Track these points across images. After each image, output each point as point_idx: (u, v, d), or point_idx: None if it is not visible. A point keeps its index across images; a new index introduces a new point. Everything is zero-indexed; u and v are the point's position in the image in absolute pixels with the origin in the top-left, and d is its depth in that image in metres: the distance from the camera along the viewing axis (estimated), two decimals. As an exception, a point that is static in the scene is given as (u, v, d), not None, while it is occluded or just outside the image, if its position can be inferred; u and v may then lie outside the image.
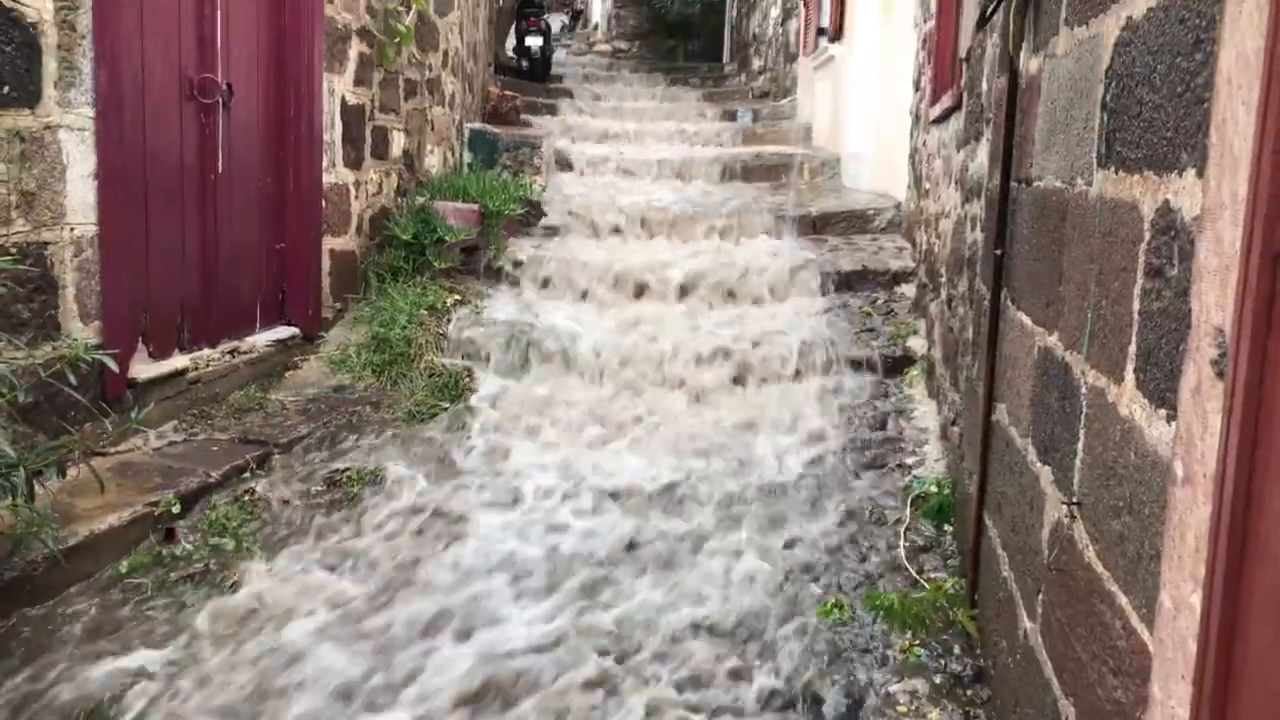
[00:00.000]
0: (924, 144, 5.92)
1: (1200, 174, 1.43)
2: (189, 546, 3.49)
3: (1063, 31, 2.38)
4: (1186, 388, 1.37)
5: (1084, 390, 1.99)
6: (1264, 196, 1.09)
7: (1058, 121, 2.39)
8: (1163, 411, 1.53)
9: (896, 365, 5.29)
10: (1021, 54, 2.87)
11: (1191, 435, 1.32)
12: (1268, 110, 1.10)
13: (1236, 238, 1.19)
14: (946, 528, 3.74)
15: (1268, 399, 1.09)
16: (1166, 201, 1.58)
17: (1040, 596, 2.24)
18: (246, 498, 3.85)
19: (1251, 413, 1.11)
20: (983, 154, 3.71)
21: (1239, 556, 1.15)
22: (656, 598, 3.36)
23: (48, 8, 3.51)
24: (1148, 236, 1.66)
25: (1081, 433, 2.00)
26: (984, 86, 3.77)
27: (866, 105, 8.47)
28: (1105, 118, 1.96)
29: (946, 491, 3.85)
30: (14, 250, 3.41)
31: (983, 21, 3.40)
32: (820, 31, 10.10)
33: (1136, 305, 1.70)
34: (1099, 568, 1.81)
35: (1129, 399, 1.70)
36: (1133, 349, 1.70)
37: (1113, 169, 1.88)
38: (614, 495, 4.10)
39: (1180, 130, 1.54)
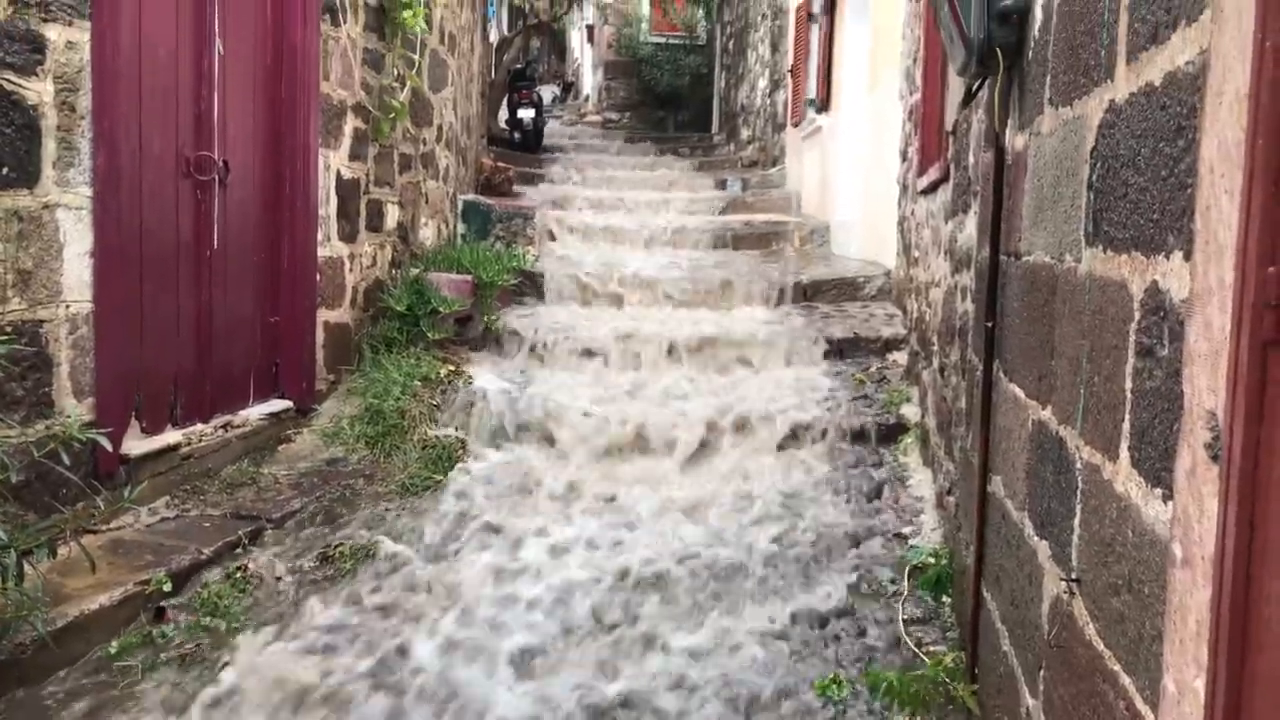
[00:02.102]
0: (912, 213, 6.00)
1: (1187, 257, 1.45)
2: (180, 626, 3.45)
3: (1047, 111, 2.43)
4: (1182, 469, 1.38)
5: (1079, 466, 2.00)
6: (1251, 285, 1.11)
7: (1045, 198, 2.42)
8: (1159, 491, 1.54)
9: (890, 433, 5.30)
10: (1007, 130, 2.92)
11: (1189, 517, 1.32)
12: (1251, 201, 1.12)
13: (1225, 323, 1.20)
14: (945, 599, 3.72)
15: (1263, 485, 1.10)
16: (1155, 282, 1.60)
17: (1042, 673, 2.23)
18: (239, 574, 3.81)
19: (1248, 498, 1.12)
20: (971, 225, 3.77)
21: (1241, 642, 1.15)
22: (652, 667, 3.33)
23: (48, 90, 3.56)
24: (1137, 316, 1.68)
25: (1078, 508, 2.00)
26: (971, 160, 3.83)
27: (854, 174, 8.61)
28: (1092, 197, 2.00)
29: (944, 562, 3.83)
30: (9, 329, 3.41)
31: (968, 98, 3.46)
32: (808, 102, 10.29)
33: (1129, 384, 1.71)
34: (1100, 646, 1.80)
35: (1124, 477, 1.71)
36: (1126, 427, 1.71)
37: (1101, 247, 1.91)
38: (607, 574, 4.05)
39: (1166, 213, 1.57)
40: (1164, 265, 1.56)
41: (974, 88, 3.35)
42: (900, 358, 6.20)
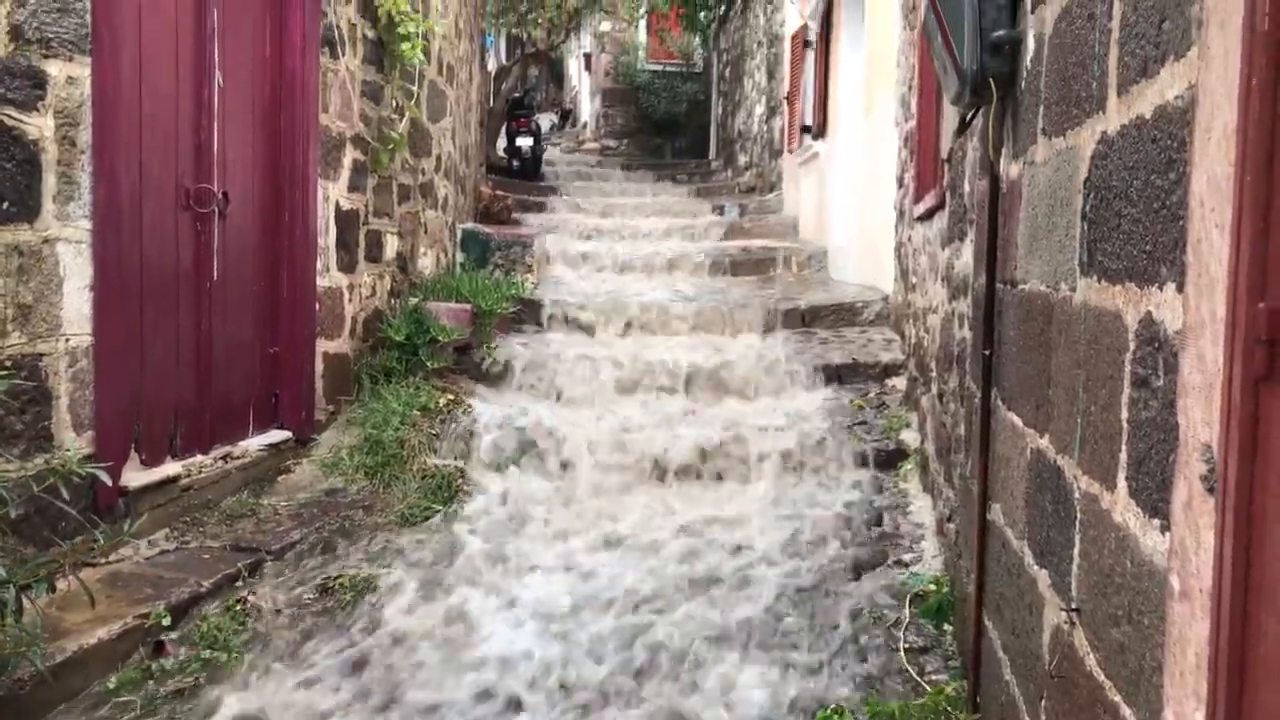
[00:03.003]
0: (909, 239, 6.02)
1: (1180, 289, 1.46)
2: (179, 660, 3.43)
3: (1040, 140, 2.45)
4: (1178, 501, 1.38)
5: (1077, 495, 2.00)
6: (1242, 320, 1.12)
7: (1039, 227, 2.44)
8: (1156, 521, 1.54)
9: (890, 459, 5.29)
10: (1002, 159, 2.94)
11: (1186, 550, 1.33)
12: (1240, 237, 1.13)
13: (1218, 357, 1.21)
14: (946, 627, 3.70)
15: (1258, 519, 1.10)
16: (1149, 313, 1.61)
17: (1043, 703, 2.22)
18: (238, 607, 3.80)
19: (1243, 532, 1.12)
20: (967, 253, 3.78)
21: (1240, 676, 1.15)
22: (650, 697, 3.32)
23: (49, 125, 3.59)
24: (1132, 346, 1.69)
25: (1077, 538, 2.00)
26: (966, 187, 3.85)
27: (851, 199, 8.64)
28: (1085, 227, 2.01)
29: (945, 590, 3.82)
30: (9, 363, 3.42)
31: (963, 126, 3.49)
32: (804, 129, 10.34)
33: (1125, 413, 1.72)
34: (1101, 677, 1.79)
35: (1122, 507, 1.71)
36: (1123, 457, 1.72)
37: (1095, 277, 1.92)
38: (608, 602, 4.04)
39: (1159, 245, 1.58)
40: (1158, 296, 1.57)
41: (968, 116, 3.38)
42: (899, 383, 6.20)
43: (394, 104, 6.44)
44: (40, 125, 3.55)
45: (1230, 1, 1.27)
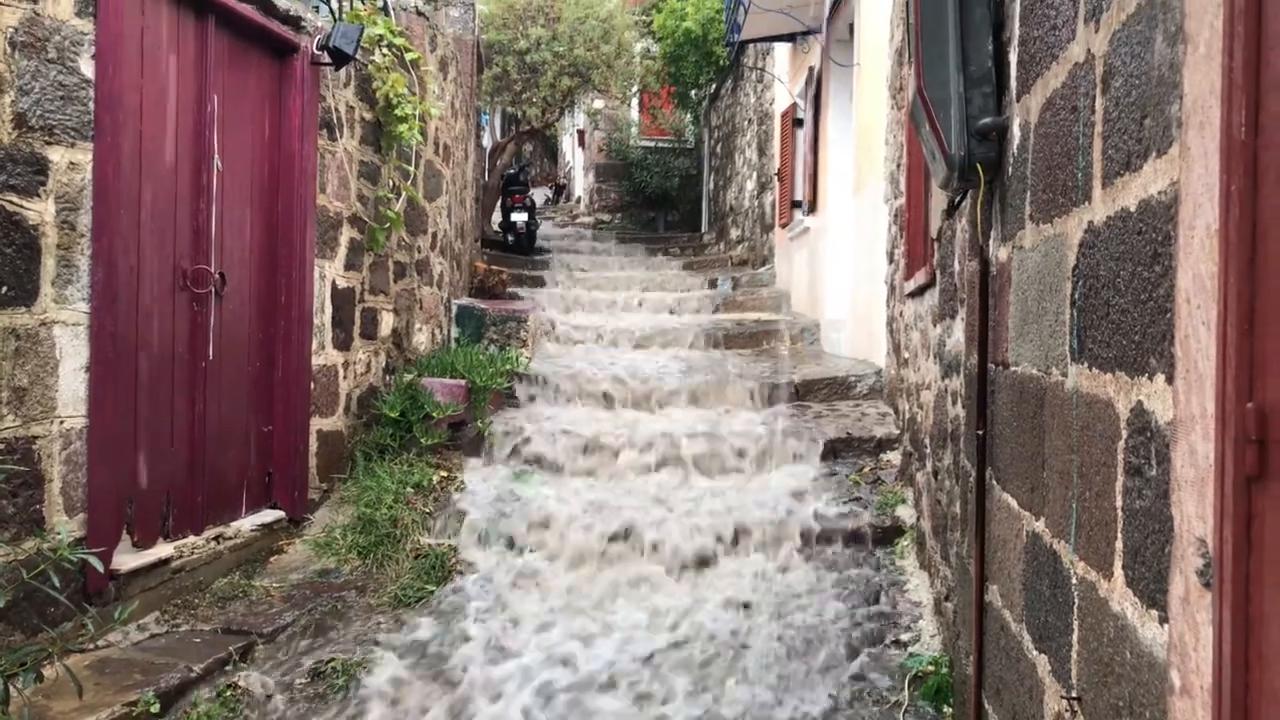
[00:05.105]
0: (900, 314, 6.06)
1: (1170, 381, 1.48)
2: (166, 749, 3.37)
3: (1029, 226, 2.49)
4: (1175, 595, 1.38)
5: (1074, 581, 2.00)
6: (1232, 418, 1.13)
7: (1030, 311, 2.46)
8: (1154, 612, 1.53)
9: (886, 535, 5.27)
10: (990, 243, 2.98)
11: (1185, 645, 1.32)
12: (1226, 336, 1.15)
13: (1209, 452, 1.22)
14: (946, 709, 3.66)
15: (1256, 619, 1.10)
16: (1140, 403, 1.62)
17: (1047, 793, 2.18)
18: (229, 692, 3.74)
19: (1241, 631, 1.12)
20: (958, 330, 3.81)
21: (1244, 778, 1.14)
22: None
23: (49, 210, 3.63)
24: (1125, 435, 1.70)
25: (1075, 624, 1.99)
26: (956, 266, 3.89)
27: (843, 274, 8.73)
28: (1075, 314, 2.03)
29: (944, 670, 3.77)
30: (2, 446, 3.41)
31: (952, 209, 3.54)
32: (795, 204, 10.48)
33: (1119, 501, 1.72)
34: (1104, 769, 1.77)
35: (1120, 596, 1.70)
36: (1119, 545, 1.72)
37: (1086, 364, 1.94)
38: (602, 685, 3.99)
39: (1148, 336, 1.60)
40: (1148, 387, 1.59)
41: (957, 199, 3.43)
42: (894, 457, 6.20)
43: (391, 183, 6.52)
44: (41, 210, 3.59)
45: (1208, 104, 1.31)
